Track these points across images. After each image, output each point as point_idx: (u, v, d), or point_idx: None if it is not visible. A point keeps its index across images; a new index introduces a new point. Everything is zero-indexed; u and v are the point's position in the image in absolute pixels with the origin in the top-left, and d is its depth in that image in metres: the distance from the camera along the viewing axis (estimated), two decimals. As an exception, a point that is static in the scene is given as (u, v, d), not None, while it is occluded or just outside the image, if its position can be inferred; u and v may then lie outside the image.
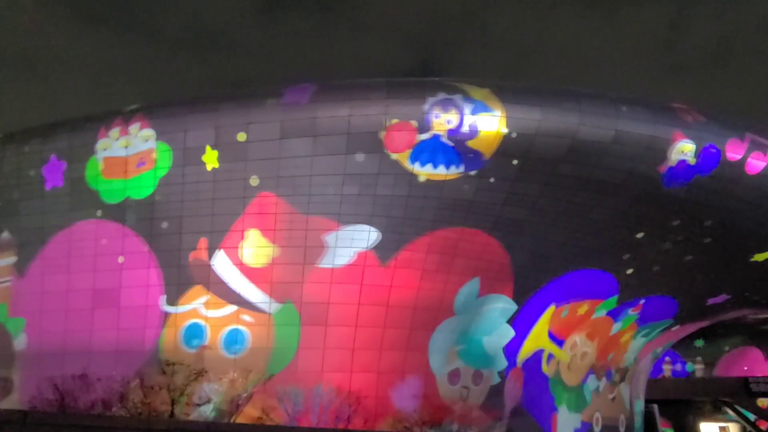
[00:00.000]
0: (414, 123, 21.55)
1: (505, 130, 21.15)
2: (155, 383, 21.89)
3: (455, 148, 21.50)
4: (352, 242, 23.91)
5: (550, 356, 32.07)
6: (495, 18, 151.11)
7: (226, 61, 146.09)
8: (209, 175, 24.12)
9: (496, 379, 28.40)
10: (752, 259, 31.48)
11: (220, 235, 24.39)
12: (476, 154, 21.45)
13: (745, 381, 48.79)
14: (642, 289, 32.62)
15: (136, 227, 25.60)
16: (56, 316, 26.66)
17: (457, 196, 23.64)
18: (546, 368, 31.80)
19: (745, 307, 40.30)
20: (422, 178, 22.15)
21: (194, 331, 24.22)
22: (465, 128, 21.13)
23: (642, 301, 33.58)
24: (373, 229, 23.79)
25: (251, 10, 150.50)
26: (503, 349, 28.85)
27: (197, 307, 24.15)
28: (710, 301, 36.60)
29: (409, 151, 21.73)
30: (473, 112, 21.24)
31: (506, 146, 23.09)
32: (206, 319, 24.12)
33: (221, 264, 24.22)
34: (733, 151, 25.62)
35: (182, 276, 24.79)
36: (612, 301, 32.31)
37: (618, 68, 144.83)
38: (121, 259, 25.61)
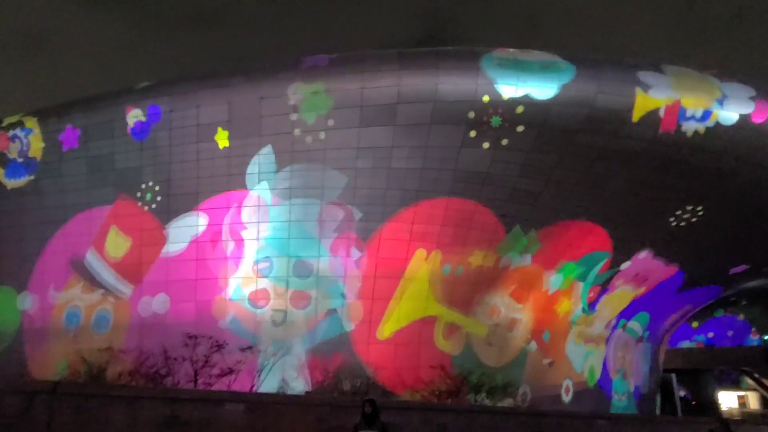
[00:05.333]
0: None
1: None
2: (178, 355, 22.35)
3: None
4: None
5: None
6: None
7: (230, 37, 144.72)
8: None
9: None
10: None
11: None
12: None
13: (765, 350, 48.57)
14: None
15: None
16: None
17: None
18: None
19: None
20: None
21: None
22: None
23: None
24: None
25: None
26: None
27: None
28: (732, 271, 36.24)
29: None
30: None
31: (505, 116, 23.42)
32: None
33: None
34: (758, 114, 24.81)
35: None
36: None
37: (633, 33, 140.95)
38: None
